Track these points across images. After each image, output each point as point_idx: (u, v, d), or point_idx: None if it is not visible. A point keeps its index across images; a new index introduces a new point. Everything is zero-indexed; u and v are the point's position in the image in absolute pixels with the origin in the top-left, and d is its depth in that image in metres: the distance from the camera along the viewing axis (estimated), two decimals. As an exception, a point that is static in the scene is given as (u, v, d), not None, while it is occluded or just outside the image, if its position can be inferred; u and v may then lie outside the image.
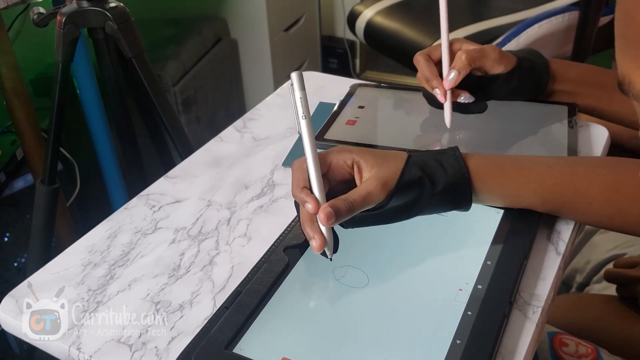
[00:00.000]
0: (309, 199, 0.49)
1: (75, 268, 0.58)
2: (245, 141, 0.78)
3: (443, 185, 0.52)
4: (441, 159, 0.54)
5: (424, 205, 0.53)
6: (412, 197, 0.52)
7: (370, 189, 0.50)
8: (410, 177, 0.51)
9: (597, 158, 0.68)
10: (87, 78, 1.34)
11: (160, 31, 1.83)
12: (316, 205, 0.49)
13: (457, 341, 0.47)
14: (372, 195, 0.50)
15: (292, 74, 0.51)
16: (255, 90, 2.11)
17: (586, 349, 0.75)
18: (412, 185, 0.52)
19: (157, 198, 0.68)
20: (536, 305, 0.51)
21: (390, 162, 0.52)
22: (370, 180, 0.51)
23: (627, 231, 0.57)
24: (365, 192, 0.50)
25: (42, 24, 1.00)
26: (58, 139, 1.06)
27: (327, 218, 0.48)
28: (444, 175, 0.53)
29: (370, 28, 1.79)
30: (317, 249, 0.50)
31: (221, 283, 0.56)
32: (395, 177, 0.51)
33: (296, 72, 0.51)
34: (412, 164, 0.52)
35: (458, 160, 0.54)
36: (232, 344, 0.47)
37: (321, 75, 0.94)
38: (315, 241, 0.49)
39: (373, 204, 0.51)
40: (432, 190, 0.52)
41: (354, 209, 0.49)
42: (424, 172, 0.52)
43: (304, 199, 0.49)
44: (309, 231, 0.50)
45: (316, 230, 0.50)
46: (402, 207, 0.52)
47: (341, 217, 0.49)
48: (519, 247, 0.55)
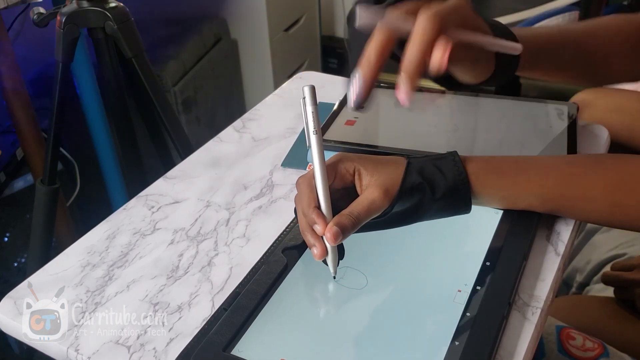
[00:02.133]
0: (320, 221, 0.49)
1: (74, 269, 0.58)
2: (244, 141, 0.78)
3: (443, 191, 0.52)
4: (440, 164, 0.53)
5: (425, 211, 0.53)
6: (413, 203, 0.52)
7: (373, 197, 0.50)
8: (411, 183, 0.51)
9: (596, 155, 0.68)
10: (87, 78, 1.35)
11: (160, 31, 1.83)
12: (325, 226, 0.49)
13: (456, 342, 0.46)
14: (376, 204, 0.50)
15: (304, 87, 0.50)
16: (255, 90, 2.10)
17: (593, 343, 0.76)
18: (413, 192, 0.51)
19: (155, 199, 0.68)
20: (535, 307, 0.51)
21: (389, 168, 0.52)
22: (372, 189, 0.50)
23: (627, 226, 0.57)
24: (368, 202, 0.50)
25: (42, 24, 1.00)
26: (58, 139, 1.07)
27: (334, 238, 0.48)
28: (443, 180, 0.52)
29: (371, 28, 1.79)
30: (318, 256, 0.49)
31: (220, 284, 0.56)
32: (396, 183, 0.51)
33: (308, 86, 0.50)
34: (411, 169, 0.52)
35: (457, 165, 0.53)
36: (230, 346, 0.47)
37: (321, 75, 0.94)
38: (316, 249, 0.49)
39: (377, 212, 0.50)
40: (432, 196, 0.52)
41: (359, 222, 0.49)
42: (423, 177, 0.52)
43: (315, 220, 0.49)
44: (309, 239, 0.50)
45: (317, 237, 0.49)
46: (403, 213, 0.52)
47: (347, 233, 0.49)
48: (518, 248, 0.55)
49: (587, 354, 0.75)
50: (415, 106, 0.80)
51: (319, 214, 0.49)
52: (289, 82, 0.93)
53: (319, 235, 0.49)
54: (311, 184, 0.50)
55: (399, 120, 0.80)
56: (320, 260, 0.50)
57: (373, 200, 0.50)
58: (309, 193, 0.50)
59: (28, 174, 1.39)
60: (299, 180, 0.52)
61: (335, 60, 2.55)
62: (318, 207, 0.50)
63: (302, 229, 0.51)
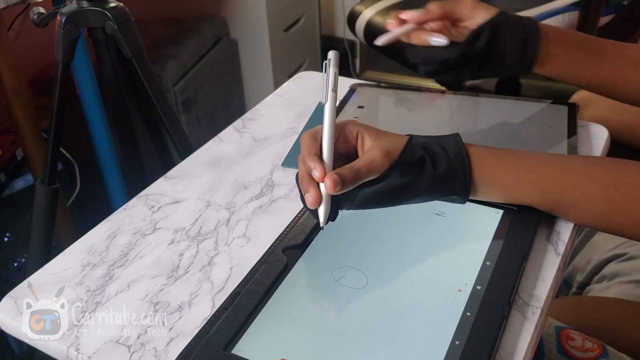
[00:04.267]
0: (318, 166, 0.49)
1: (74, 269, 0.58)
2: (244, 141, 0.78)
3: (444, 167, 0.53)
4: (442, 142, 0.55)
5: (424, 187, 0.53)
6: (413, 175, 0.53)
7: (374, 157, 0.51)
8: (412, 155, 0.53)
9: (597, 157, 0.68)
10: (87, 78, 1.35)
11: (160, 31, 1.83)
12: (323, 172, 0.49)
13: (456, 342, 0.46)
14: (376, 163, 0.51)
15: (330, 52, 0.54)
16: (255, 90, 2.11)
17: (592, 344, 0.76)
18: (414, 163, 0.52)
19: (156, 198, 0.68)
20: (535, 306, 0.51)
21: (392, 137, 0.54)
22: (373, 150, 0.52)
23: (626, 232, 0.57)
24: (369, 160, 0.51)
25: (42, 24, 1.00)
26: (58, 139, 1.06)
27: (333, 185, 0.48)
28: (444, 157, 0.53)
29: (370, 28, 1.79)
30: (311, 204, 0.50)
31: (220, 284, 0.56)
32: (398, 149, 0.52)
33: (334, 51, 0.54)
34: (414, 143, 0.53)
35: (459, 145, 0.55)
36: (230, 345, 0.47)
37: (321, 75, 0.94)
38: (310, 195, 0.49)
39: (377, 172, 0.51)
40: (432, 171, 0.53)
41: (359, 177, 0.50)
42: (426, 151, 0.53)
43: (313, 165, 0.50)
44: (305, 185, 0.50)
45: (313, 184, 0.50)
46: (402, 186, 0.53)
47: (347, 185, 0.49)
48: (518, 247, 0.55)
49: (587, 355, 0.75)
50: (415, 106, 0.80)
51: (318, 161, 0.50)
52: (289, 82, 0.93)
53: (317, 181, 0.49)
54: (314, 136, 0.52)
55: (399, 119, 0.80)
56: (312, 207, 0.50)
57: (374, 158, 0.51)
58: (311, 142, 0.51)
59: (28, 174, 1.39)
60: (302, 134, 0.53)
61: (335, 60, 2.55)
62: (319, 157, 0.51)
63: (300, 178, 0.51)
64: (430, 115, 0.78)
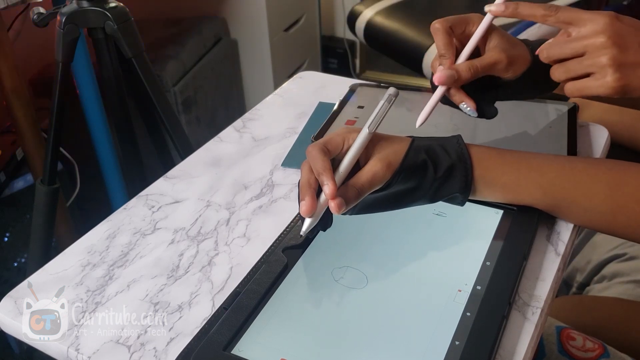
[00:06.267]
0: (331, 184, 0.49)
1: (74, 269, 0.58)
2: (244, 141, 0.78)
3: (445, 169, 0.53)
4: (444, 143, 0.55)
5: (427, 190, 0.53)
6: (415, 180, 0.53)
7: (376, 169, 0.51)
8: (415, 160, 0.53)
9: (598, 159, 0.68)
10: (87, 78, 1.34)
11: (160, 31, 1.83)
12: (334, 191, 0.49)
13: (456, 342, 0.46)
14: (378, 176, 0.51)
15: (391, 88, 0.55)
16: (255, 90, 2.11)
17: (593, 344, 0.76)
18: (416, 168, 0.53)
19: (156, 198, 0.68)
20: (535, 307, 0.51)
21: (394, 143, 0.54)
22: (375, 162, 0.52)
23: (630, 234, 0.56)
24: (371, 174, 0.51)
25: (42, 24, 1.00)
26: (58, 139, 1.06)
27: (337, 208, 0.49)
28: (446, 158, 0.54)
29: (370, 28, 1.79)
30: (305, 212, 0.50)
31: (220, 284, 0.56)
32: (399, 156, 0.52)
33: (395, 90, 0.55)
34: (416, 147, 0.53)
35: (461, 146, 0.55)
36: (230, 345, 0.47)
37: (321, 75, 0.94)
38: (305, 204, 0.50)
39: (379, 184, 0.52)
40: (434, 174, 0.53)
41: (362, 194, 0.51)
42: (428, 155, 0.53)
43: (327, 182, 0.49)
44: (304, 192, 0.50)
45: (312, 195, 0.50)
46: (405, 191, 0.53)
47: (350, 204, 0.50)
48: (518, 247, 0.55)
49: (588, 355, 0.75)
50: (415, 106, 0.80)
51: (331, 178, 0.50)
52: (289, 82, 0.93)
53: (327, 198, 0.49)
54: (322, 149, 0.51)
55: (399, 120, 0.80)
56: (305, 216, 0.51)
57: (376, 172, 0.51)
58: (323, 156, 0.51)
59: (28, 174, 1.39)
60: (309, 147, 0.52)
61: (335, 60, 2.55)
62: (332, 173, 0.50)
63: (301, 184, 0.51)
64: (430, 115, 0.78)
